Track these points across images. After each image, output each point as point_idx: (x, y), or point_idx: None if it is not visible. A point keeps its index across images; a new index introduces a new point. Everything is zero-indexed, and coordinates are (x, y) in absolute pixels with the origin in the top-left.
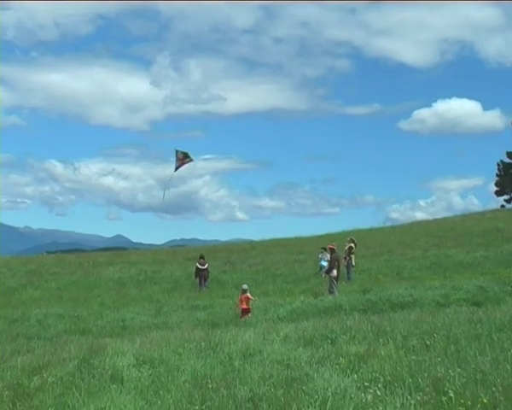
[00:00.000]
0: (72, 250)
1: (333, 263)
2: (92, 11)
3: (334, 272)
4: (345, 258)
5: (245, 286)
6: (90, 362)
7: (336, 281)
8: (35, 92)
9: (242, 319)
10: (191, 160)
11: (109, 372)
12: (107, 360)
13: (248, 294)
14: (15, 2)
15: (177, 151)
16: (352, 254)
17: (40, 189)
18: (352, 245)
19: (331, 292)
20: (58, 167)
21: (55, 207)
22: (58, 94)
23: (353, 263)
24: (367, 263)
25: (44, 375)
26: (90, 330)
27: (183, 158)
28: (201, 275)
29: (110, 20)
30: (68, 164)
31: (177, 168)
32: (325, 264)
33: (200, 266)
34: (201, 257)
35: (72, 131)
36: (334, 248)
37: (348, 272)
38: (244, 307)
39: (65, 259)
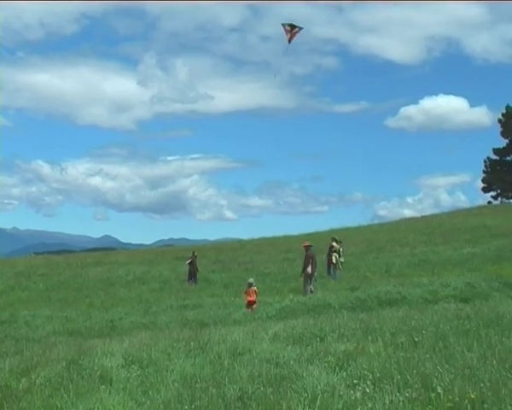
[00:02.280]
0: (60, 251)
1: (307, 260)
2: (78, 10)
3: (309, 269)
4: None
5: (251, 280)
6: (79, 363)
7: (310, 279)
8: (21, 92)
9: (248, 310)
10: (301, 28)
11: (98, 373)
12: (96, 360)
13: (255, 287)
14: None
15: (283, 24)
16: (334, 252)
17: (27, 190)
18: (334, 244)
19: (305, 290)
20: (45, 168)
21: (43, 208)
22: (45, 94)
23: (333, 261)
24: (355, 261)
25: (33, 376)
26: (78, 330)
27: (291, 29)
28: (189, 270)
29: (96, 19)
30: (55, 164)
31: (290, 40)
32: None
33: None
34: (192, 253)
35: (59, 132)
36: (309, 246)
37: (328, 271)
38: (251, 299)
39: (53, 260)
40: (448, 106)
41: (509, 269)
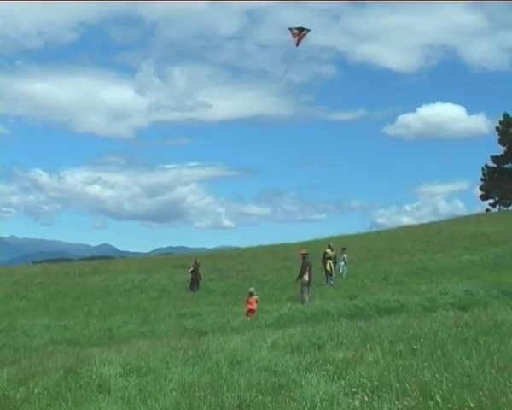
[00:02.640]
0: (58, 260)
1: (304, 268)
2: (75, 19)
3: (306, 277)
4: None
5: (252, 289)
6: (77, 372)
7: (308, 286)
8: (20, 101)
9: (249, 318)
10: (308, 30)
11: (96, 382)
12: (94, 369)
13: (256, 297)
14: None
15: (290, 29)
16: (328, 258)
17: (25, 198)
18: (328, 251)
19: (303, 298)
20: (43, 176)
21: (41, 217)
22: (43, 103)
23: (327, 268)
24: (354, 268)
25: (31, 386)
26: (76, 339)
27: (298, 33)
28: (191, 278)
29: (94, 28)
30: (53, 173)
31: (297, 43)
32: (342, 263)
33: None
34: (194, 261)
35: (57, 140)
36: (306, 253)
37: (326, 278)
38: (252, 308)
39: (51, 268)
40: (446, 114)
41: (508, 277)
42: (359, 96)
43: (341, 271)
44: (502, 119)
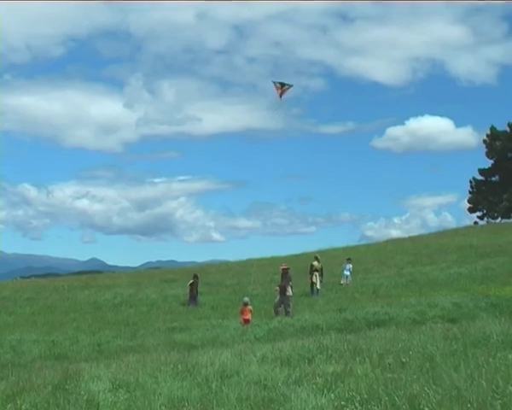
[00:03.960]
0: (46, 275)
1: (287, 282)
2: (64, 33)
3: (289, 291)
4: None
5: (246, 299)
6: (66, 388)
7: (289, 301)
8: (7, 115)
9: (244, 327)
10: (291, 85)
11: (85, 398)
12: (83, 385)
13: (250, 306)
14: None
15: (273, 82)
16: (315, 271)
17: (13, 213)
18: (315, 263)
19: (287, 311)
20: (31, 191)
21: (30, 232)
22: (31, 117)
23: (313, 280)
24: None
25: (18, 402)
26: (65, 355)
27: (281, 87)
28: (190, 291)
29: (82, 42)
30: (42, 187)
31: (281, 95)
32: (348, 273)
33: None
34: (193, 275)
35: (46, 155)
36: (288, 268)
37: (312, 291)
38: (246, 317)
39: (39, 283)
40: (433, 126)
41: (496, 289)
42: (348, 109)
43: (343, 281)
44: (489, 132)
